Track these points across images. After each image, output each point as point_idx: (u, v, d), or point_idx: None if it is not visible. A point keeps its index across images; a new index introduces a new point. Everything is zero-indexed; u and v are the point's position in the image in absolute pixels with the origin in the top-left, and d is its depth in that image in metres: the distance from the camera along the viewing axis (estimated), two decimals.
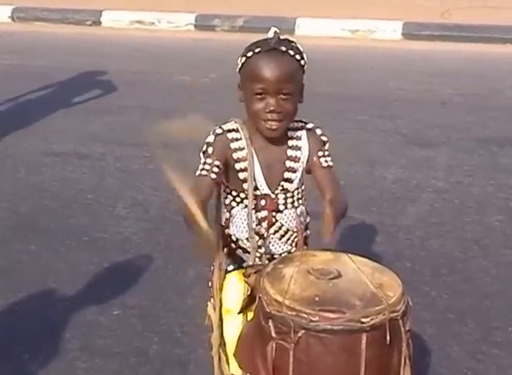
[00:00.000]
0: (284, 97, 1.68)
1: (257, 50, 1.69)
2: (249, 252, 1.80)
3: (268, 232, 1.79)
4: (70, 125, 4.90)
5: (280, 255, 1.82)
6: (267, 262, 1.79)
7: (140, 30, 8.17)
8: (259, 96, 1.69)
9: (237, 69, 1.75)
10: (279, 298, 1.44)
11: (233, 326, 1.75)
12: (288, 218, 1.79)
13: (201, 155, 1.76)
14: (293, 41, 1.73)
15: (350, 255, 1.62)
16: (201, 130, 1.72)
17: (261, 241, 1.79)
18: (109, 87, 5.70)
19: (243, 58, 1.71)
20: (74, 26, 8.32)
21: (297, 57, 1.70)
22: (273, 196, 1.77)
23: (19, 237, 3.28)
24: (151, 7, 8.34)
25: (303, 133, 1.79)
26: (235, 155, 1.75)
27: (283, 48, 1.68)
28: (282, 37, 1.71)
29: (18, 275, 2.95)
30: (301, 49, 1.73)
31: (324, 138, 1.80)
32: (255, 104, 1.70)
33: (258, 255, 1.80)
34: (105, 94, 5.58)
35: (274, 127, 1.71)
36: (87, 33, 8.06)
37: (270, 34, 1.70)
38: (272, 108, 1.68)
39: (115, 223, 3.42)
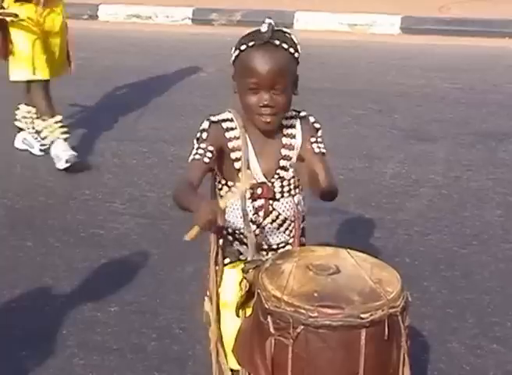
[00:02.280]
0: (277, 91, 1.68)
1: (250, 43, 1.67)
2: (245, 244, 1.78)
3: (264, 221, 1.77)
4: (66, 121, 4.87)
5: (278, 245, 1.81)
6: (264, 252, 1.79)
7: (137, 24, 8.14)
8: (252, 90, 1.68)
9: (231, 61, 1.73)
10: (278, 294, 1.43)
11: (231, 320, 1.74)
12: (285, 206, 1.79)
13: (195, 141, 1.76)
14: (286, 32, 1.71)
15: (349, 250, 1.61)
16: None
17: (258, 230, 1.78)
18: (106, 82, 5.67)
19: (237, 51, 1.70)
20: (70, 20, 8.25)
21: (291, 50, 1.69)
22: (269, 184, 1.76)
23: (16, 234, 3.27)
24: (148, 1, 8.31)
25: (296, 122, 1.79)
26: (230, 145, 1.74)
27: (277, 42, 1.67)
28: (276, 28, 1.69)
29: (14, 272, 2.94)
30: (296, 40, 1.72)
31: (317, 125, 1.81)
32: (249, 98, 1.69)
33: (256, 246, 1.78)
34: (102, 89, 5.55)
35: (268, 121, 1.71)
36: (84, 27, 8.02)
37: (264, 28, 1.67)
38: (265, 103, 1.68)
39: (111, 219, 3.40)
